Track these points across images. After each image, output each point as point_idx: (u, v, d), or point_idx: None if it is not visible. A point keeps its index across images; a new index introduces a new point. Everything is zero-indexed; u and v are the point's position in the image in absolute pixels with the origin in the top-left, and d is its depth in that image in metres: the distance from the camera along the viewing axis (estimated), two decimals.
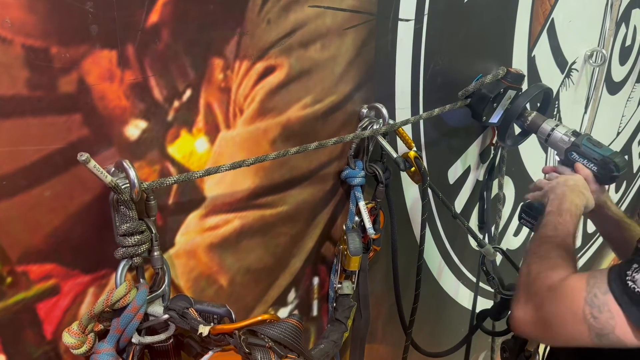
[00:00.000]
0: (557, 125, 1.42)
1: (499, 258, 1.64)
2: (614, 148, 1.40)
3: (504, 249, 1.69)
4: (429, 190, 1.38)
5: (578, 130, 1.52)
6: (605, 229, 1.45)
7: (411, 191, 1.50)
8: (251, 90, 0.96)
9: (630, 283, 0.83)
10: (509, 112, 1.47)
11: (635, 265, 0.85)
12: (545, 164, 1.51)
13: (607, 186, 1.40)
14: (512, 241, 2.22)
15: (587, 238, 2.93)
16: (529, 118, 1.47)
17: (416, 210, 1.52)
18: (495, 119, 1.51)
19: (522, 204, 1.63)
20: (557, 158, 1.46)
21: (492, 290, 1.84)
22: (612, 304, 0.84)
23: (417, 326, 1.48)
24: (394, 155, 1.19)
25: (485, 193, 1.80)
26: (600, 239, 2.99)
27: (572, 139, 1.37)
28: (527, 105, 1.49)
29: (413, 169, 1.25)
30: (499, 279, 1.49)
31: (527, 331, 1.01)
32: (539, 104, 1.59)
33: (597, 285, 0.87)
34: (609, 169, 1.29)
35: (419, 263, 1.40)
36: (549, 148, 1.96)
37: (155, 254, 0.85)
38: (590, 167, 1.33)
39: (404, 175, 1.39)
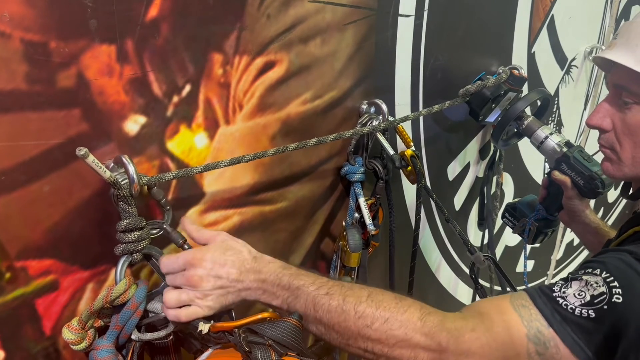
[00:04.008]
0: (551, 134, 1.43)
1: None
2: None
3: (504, 245, 1.69)
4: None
5: (577, 129, 1.52)
6: (585, 236, 1.46)
7: (411, 187, 1.50)
8: (251, 86, 0.95)
9: (560, 300, 0.78)
10: (507, 114, 1.47)
11: (560, 282, 0.81)
12: (545, 162, 1.51)
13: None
14: (510, 238, 2.22)
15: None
16: (525, 122, 1.48)
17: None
18: (492, 118, 1.52)
19: (506, 203, 1.64)
20: (547, 165, 1.47)
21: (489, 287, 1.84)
22: (558, 339, 0.76)
23: None
24: (391, 152, 1.19)
25: (485, 189, 1.80)
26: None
27: (564, 149, 1.38)
28: (527, 109, 1.50)
29: (409, 168, 1.25)
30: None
31: None
32: (538, 103, 1.59)
33: (535, 318, 0.78)
34: (595, 184, 1.30)
35: (412, 263, 1.41)
36: None
37: (169, 229, 0.85)
38: (576, 180, 1.34)
39: None
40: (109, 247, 0.80)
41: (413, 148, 1.27)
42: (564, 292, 0.78)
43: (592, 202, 1.46)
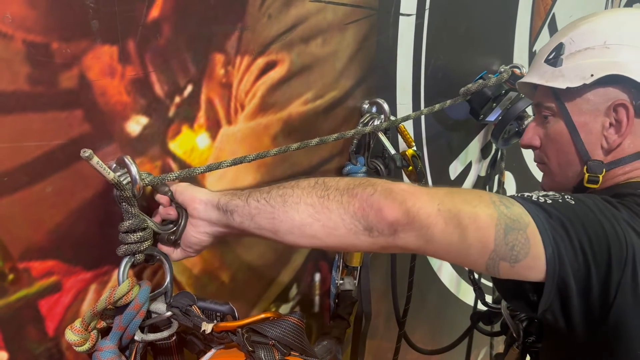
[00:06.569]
0: None
1: None
2: None
3: None
4: None
5: None
6: None
7: None
8: (252, 86, 0.95)
9: (518, 195, 0.81)
10: (508, 113, 1.48)
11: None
12: None
13: None
14: None
15: None
16: (526, 122, 1.48)
17: None
18: (492, 117, 1.52)
19: None
20: None
21: (491, 286, 1.83)
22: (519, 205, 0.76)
23: (417, 323, 1.48)
24: (392, 151, 1.19)
25: (487, 188, 1.80)
26: None
27: None
28: (528, 109, 1.50)
29: (410, 167, 1.25)
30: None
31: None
32: None
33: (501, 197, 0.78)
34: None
35: (412, 264, 1.40)
36: None
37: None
38: None
39: None
40: (111, 248, 0.80)
41: (414, 148, 1.27)
42: (523, 194, 0.82)
43: None
